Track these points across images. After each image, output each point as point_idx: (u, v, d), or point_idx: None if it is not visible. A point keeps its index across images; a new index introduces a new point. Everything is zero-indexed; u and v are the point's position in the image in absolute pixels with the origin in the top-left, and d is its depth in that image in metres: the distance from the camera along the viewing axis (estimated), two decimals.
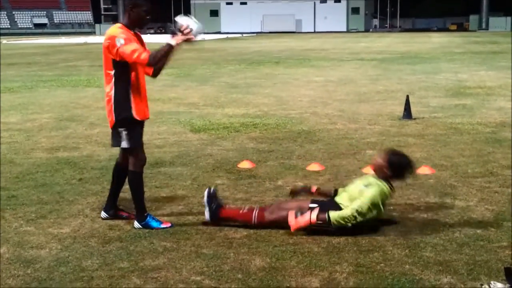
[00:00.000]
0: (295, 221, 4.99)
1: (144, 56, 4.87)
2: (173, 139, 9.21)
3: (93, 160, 7.80)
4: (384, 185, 5.10)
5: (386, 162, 5.16)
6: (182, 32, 4.91)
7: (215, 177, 6.93)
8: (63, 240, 4.94)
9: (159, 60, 4.97)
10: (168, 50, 4.94)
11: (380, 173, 5.18)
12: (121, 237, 5.01)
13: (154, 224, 5.19)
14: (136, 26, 5.16)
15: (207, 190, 5.35)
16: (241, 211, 5.25)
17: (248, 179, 6.83)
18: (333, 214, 4.94)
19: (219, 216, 5.22)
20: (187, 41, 4.96)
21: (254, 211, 5.20)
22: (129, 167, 5.23)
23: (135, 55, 4.87)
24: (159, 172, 7.14)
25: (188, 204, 5.91)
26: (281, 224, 5.10)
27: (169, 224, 5.23)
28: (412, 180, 6.63)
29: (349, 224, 4.93)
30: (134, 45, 4.91)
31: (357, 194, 5.06)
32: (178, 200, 6.03)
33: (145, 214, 5.23)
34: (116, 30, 5.03)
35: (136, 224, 5.21)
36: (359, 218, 4.94)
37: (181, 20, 4.99)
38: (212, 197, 5.29)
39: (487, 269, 4.33)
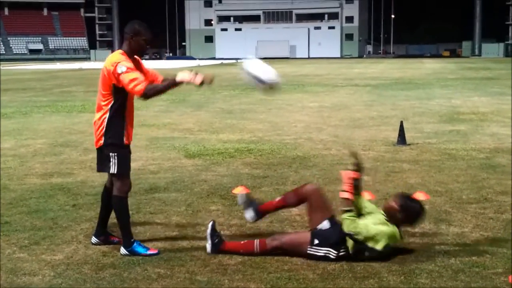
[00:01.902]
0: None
1: (139, 88, 4.89)
2: (167, 164, 9.20)
3: (87, 186, 7.77)
4: (395, 230, 5.04)
5: (399, 207, 5.11)
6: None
7: (210, 203, 6.91)
8: (56, 267, 4.90)
9: (156, 93, 4.99)
10: (171, 86, 5.00)
11: (392, 217, 5.11)
12: (115, 263, 4.97)
13: (140, 250, 5.15)
14: (136, 54, 5.20)
15: (211, 223, 5.26)
16: (242, 243, 5.20)
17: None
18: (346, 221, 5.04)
19: (220, 249, 5.16)
20: (200, 83, 4.97)
21: (255, 241, 5.15)
22: (114, 192, 5.20)
23: (132, 84, 4.91)
24: (153, 198, 7.12)
25: (182, 230, 5.88)
26: (284, 250, 5.08)
27: (156, 251, 5.18)
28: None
29: (351, 229, 4.95)
30: (134, 74, 4.94)
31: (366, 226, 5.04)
32: (172, 226, 6.00)
33: (132, 240, 5.19)
34: (119, 56, 5.05)
35: (123, 250, 5.16)
36: (360, 234, 4.92)
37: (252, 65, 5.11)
38: (215, 230, 5.22)
39: None
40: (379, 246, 4.93)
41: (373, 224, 5.00)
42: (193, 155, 9.96)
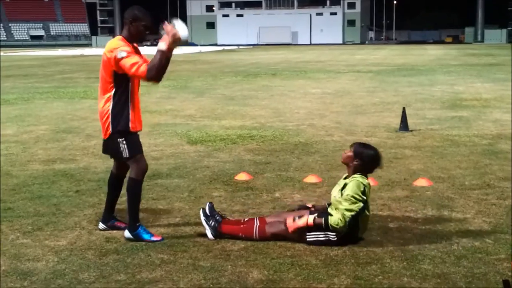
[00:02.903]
0: (293, 223, 5.08)
1: (142, 69, 4.84)
2: (170, 151, 9.20)
3: (90, 172, 7.78)
4: (358, 177, 5.11)
5: (354, 154, 5.20)
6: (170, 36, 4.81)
7: (212, 189, 6.92)
8: (60, 253, 4.92)
9: (157, 71, 4.88)
10: (162, 56, 4.85)
11: (351, 166, 5.21)
12: (118, 249, 4.99)
13: (145, 236, 5.16)
14: (135, 40, 5.15)
15: (201, 210, 5.31)
16: (242, 226, 5.23)
17: (245, 191, 6.82)
18: (330, 218, 5.01)
19: (221, 232, 5.19)
20: (176, 42, 4.85)
21: (255, 226, 5.17)
22: (131, 175, 5.19)
23: (134, 68, 4.86)
24: (156, 184, 7.12)
25: (185, 216, 5.89)
26: (283, 237, 5.10)
27: (160, 238, 5.19)
28: (409, 192, 6.64)
29: (341, 226, 4.95)
30: (135, 59, 4.89)
31: (338, 200, 5.08)
32: (175, 212, 6.02)
33: (137, 225, 5.20)
34: (118, 42, 5.02)
35: (127, 233, 5.18)
36: (348, 214, 4.96)
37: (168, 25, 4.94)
38: (209, 215, 5.26)
39: (486, 281, 4.32)
40: (357, 207, 4.97)
41: (344, 201, 5.03)
42: (195, 141, 9.96)
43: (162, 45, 4.86)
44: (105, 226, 5.44)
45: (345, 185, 5.11)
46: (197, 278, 4.41)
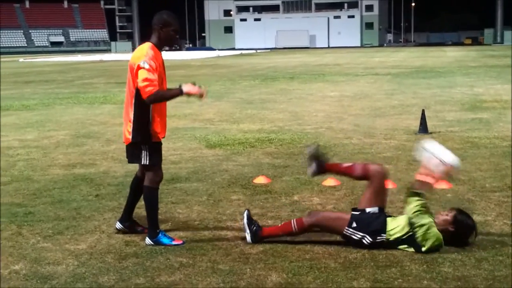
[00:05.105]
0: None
1: (149, 90, 4.87)
2: (188, 155, 9.23)
3: (109, 176, 7.83)
4: (439, 236, 4.94)
5: (452, 219, 5.03)
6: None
7: (231, 192, 6.93)
8: (80, 256, 4.95)
9: (160, 99, 5.00)
10: (176, 95, 5.00)
11: (443, 228, 5.02)
12: (137, 253, 5.01)
13: (165, 241, 5.18)
14: (165, 45, 5.20)
15: (246, 212, 5.29)
16: (279, 225, 5.29)
17: (264, 194, 6.82)
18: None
19: (260, 236, 5.17)
20: (197, 95, 5.01)
21: (292, 220, 5.21)
22: (145, 183, 5.23)
23: (144, 84, 4.89)
24: (175, 188, 7.15)
25: (204, 219, 5.91)
26: (321, 227, 5.12)
27: (181, 242, 5.20)
28: (429, 194, 6.59)
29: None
30: (151, 76, 4.90)
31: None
32: (194, 216, 6.03)
33: (157, 231, 5.22)
34: (147, 50, 5.03)
35: (148, 240, 5.20)
36: (421, 229, 4.88)
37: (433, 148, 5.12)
38: (252, 219, 5.25)
39: (507, 284, 4.28)
40: (425, 248, 4.87)
41: (431, 224, 4.95)
42: (214, 145, 9.99)
43: (188, 89, 4.98)
44: (122, 226, 5.47)
45: (428, 228, 4.93)
46: (216, 281, 4.42)
